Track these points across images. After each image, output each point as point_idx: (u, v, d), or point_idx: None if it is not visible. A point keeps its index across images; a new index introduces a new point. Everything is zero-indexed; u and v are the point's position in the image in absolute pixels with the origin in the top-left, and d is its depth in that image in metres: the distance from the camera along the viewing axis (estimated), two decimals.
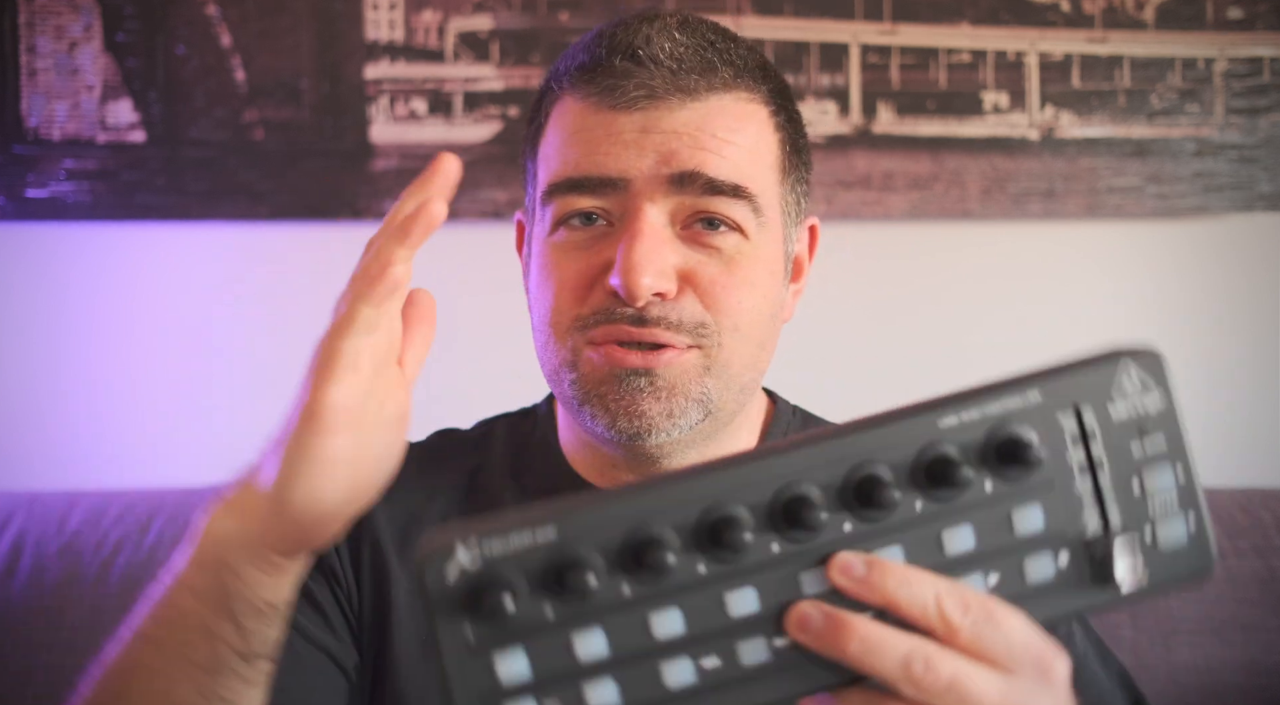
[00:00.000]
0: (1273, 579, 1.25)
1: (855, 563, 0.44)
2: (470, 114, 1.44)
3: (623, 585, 0.44)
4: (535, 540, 0.44)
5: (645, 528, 0.44)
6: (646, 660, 0.44)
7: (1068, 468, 0.46)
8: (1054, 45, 1.47)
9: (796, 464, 0.45)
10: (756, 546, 0.44)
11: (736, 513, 0.44)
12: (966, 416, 0.46)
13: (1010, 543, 0.46)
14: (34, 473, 1.41)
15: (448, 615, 0.43)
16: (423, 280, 1.68)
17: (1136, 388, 0.47)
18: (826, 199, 1.44)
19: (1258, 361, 1.49)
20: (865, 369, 1.46)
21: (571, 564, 0.43)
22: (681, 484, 0.45)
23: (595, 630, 0.44)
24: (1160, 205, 1.47)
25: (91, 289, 1.44)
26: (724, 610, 0.44)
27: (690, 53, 0.71)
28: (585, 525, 0.44)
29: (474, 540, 0.43)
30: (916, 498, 0.45)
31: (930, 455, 0.45)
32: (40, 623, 1.19)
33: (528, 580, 0.43)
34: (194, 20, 1.43)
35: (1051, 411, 0.46)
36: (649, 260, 0.68)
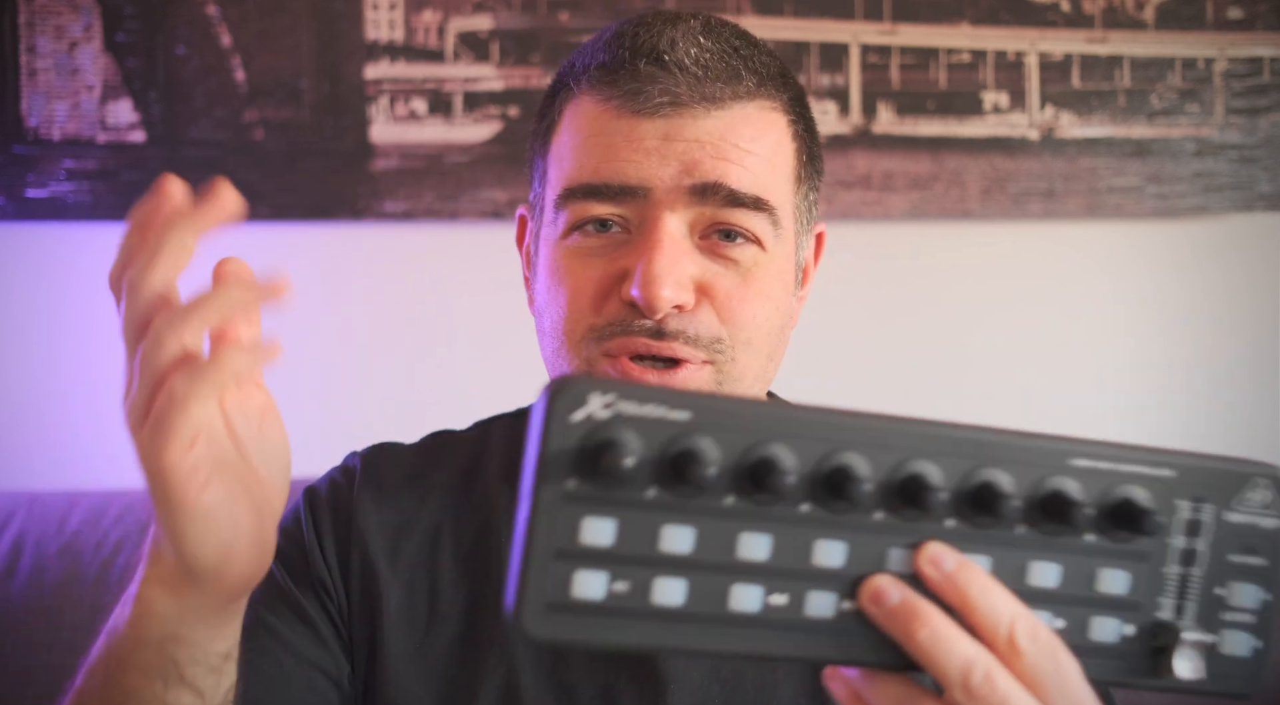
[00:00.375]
0: None
1: (947, 557, 0.44)
2: (470, 114, 1.44)
3: (729, 495, 0.44)
4: (668, 416, 0.43)
5: (770, 446, 0.44)
6: (722, 575, 0.44)
7: (1167, 549, 0.47)
8: (1054, 45, 1.47)
9: (926, 441, 0.45)
10: (863, 507, 0.44)
11: (857, 467, 0.44)
12: (1099, 465, 0.46)
13: (1088, 596, 0.46)
14: (34, 473, 1.41)
15: (558, 456, 0.42)
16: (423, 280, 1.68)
17: (1261, 504, 0.48)
18: (827, 199, 1.44)
19: (1258, 361, 1.49)
20: (865, 369, 1.46)
21: (691, 454, 0.43)
22: (820, 418, 0.44)
23: (687, 528, 0.43)
24: (1160, 205, 1.47)
25: (91, 289, 1.44)
26: (809, 555, 0.44)
27: (716, 59, 0.69)
28: (721, 423, 0.43)
29: (613, 393, 0.42)
30: (1022, 521, 0.46)
31: (1050, 487, 0.46)
32: (40, 623, 1.19)
33: (645, 453, 0.43)
34: (194, 20, 1.43)
35: (1175, 493, 0.47)
36: (669, 272, 0.66)
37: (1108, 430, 1.48)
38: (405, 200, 1.43)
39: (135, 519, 1.25)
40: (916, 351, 1.47)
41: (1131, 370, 1.49)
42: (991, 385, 1.48)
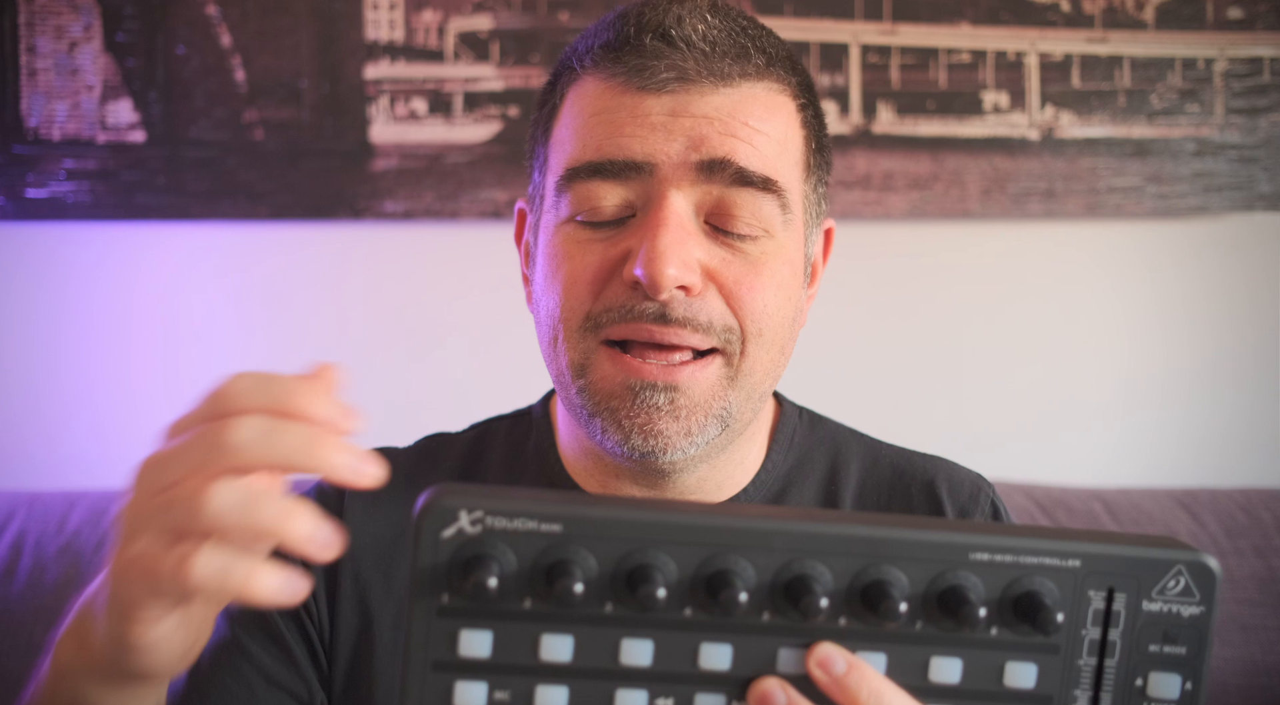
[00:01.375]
0: (1273, 579, 1.25)
1: (837, 660, 0.44)
2: (470, 114, 1.44)
3: (607, 602, 0.44)
4: (539, 528, 0.43)
5: (646, 554, 0.43)
6: (605, 681, 0.44)
7: (1079, 640, 0.45)
8: (1054, 45, 1.47)
9: (812, 541, 0.44)
10: (748, 610, 0.44)
11: (739, 570, 0.44)
12: (999, 558, 0.45)
13: (994, 691, 0.45)
14: (34, 473, 1.41)
15: (431, 573, 0.43)
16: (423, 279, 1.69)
17: (1179, 593, 0.46)
18: (826, 199, 1.44)
19: (1258, 361, 1.49)
20: (865, 369, 1.46)
21: (564, 566, 0.43)
22: (696, 521, 0.44)
23: (566, 637, 0.44)
24: (1160, 205, 1.47)
25: (91, 289, 1.44)
26: (696, 659, 0.44)
27: (724, 36, 0.67)
28: (590, 532, 0.43)
29: (480, 510, 0.43)
30: (920, 617, 0.45)
31: (948, 582, 0.45)
32: (40, 623, 1.19)
33: (518, 566, 0.43)
34: (194, 20, 1.43)
35: (1085, 584, 0.45)
36: (674, 251, 0.63)
37: (1107, 430, 1.48)
38: (405, 200, 1.43)
39: None
40: (916, 351, 1.47)
41: (1131, 370, 1.49)
42: (991, 385, 1.48)
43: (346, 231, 1.45)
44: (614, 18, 0.69)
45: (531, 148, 0.75)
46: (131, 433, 1.44)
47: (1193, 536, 1.28)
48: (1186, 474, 1.47)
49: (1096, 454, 1.48)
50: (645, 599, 0.43)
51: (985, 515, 0.78)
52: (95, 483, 1.38)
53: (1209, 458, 1.48)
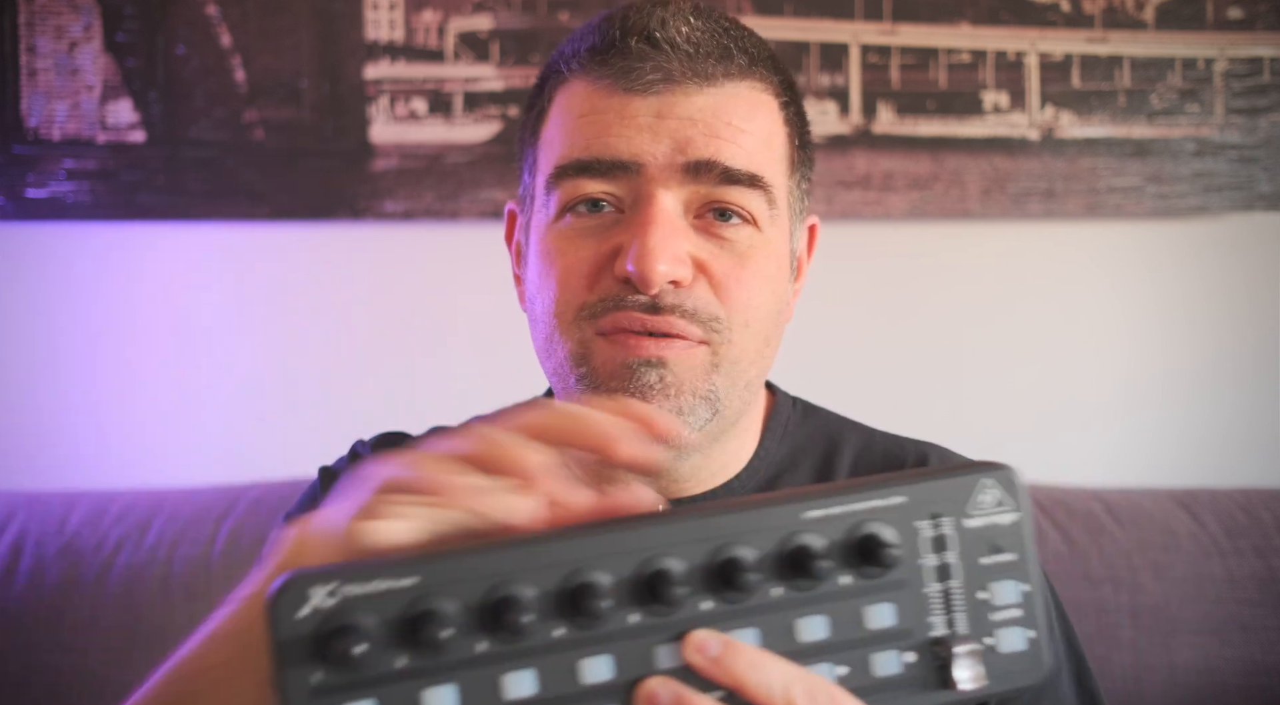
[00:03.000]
0: (1273, 579, 1.25)
1: (711, 642, 0.45)
2: (470, 114, 1.44)
3: (479, 641, 0.44)
4: (396, 586, 0.43)
5: (506, 586, 0.44)
6: None
7: (921, 571, 0.48)
8: (1054, 45, 1.47)
9: (661, 538, 0.45)
10: (615, 616, 0.45)
11: (598, 580, 0.44)
12: (831, 511, 0.47)
13: (861, 636, 0.47)
14: (34, 473, 1.41)
15: (295, 656, 0.42)
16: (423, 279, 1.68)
17: (993, 503, 0.49)
18: (826, 199, 1.44)
19: (1258, 361, 1.49)
20: (865, 369, 1.46)
21: (428, 615, 0.43)
22: (545, 545, 0.45)
23: (447, 685, 0.43)
24: (1160, 205, 1.47)
25: (91, 289, 1.44)
26: (577, 676, 0.45)
27: (707, 38, 0.69)
28: (447, 577, 0.44)
29: (334, 582, 0.42)
30: (775, 584, 0.46)
31: (792, 545, 0.46)
32: (40, 623, 1.19)
33: (384, 627, 0.43)
34: (194, 20, 1.43)
35: (911, 516, 0.48)
36: (664, 247, 0.65)
37: (1107, 430, 1.48)
38: (405, 200, 1.43)
39: (135, 519, 1.25)
40: (916, 351, 1.47)
41: (1131, 370, 1.49)
42: (991, 385, 1.48)
43: (346, 231, 1.45)
44: (599, 21, 0.71)
45: (520, 150, 0.77)
46: (131, 433, 1.44)
47: (1193, 536, 1.28)
48: (1186, 474, 1.47)
49: (1096, 454, 1.48)
50: (513, 627, 0.43)
51: None
52: (95, 483, 1.38)
53: (1209, 458, 1.48)
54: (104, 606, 1.20)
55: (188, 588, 1.21)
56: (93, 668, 1.18)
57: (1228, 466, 1.47)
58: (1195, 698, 1.22)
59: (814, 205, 1.50)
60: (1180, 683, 1.22)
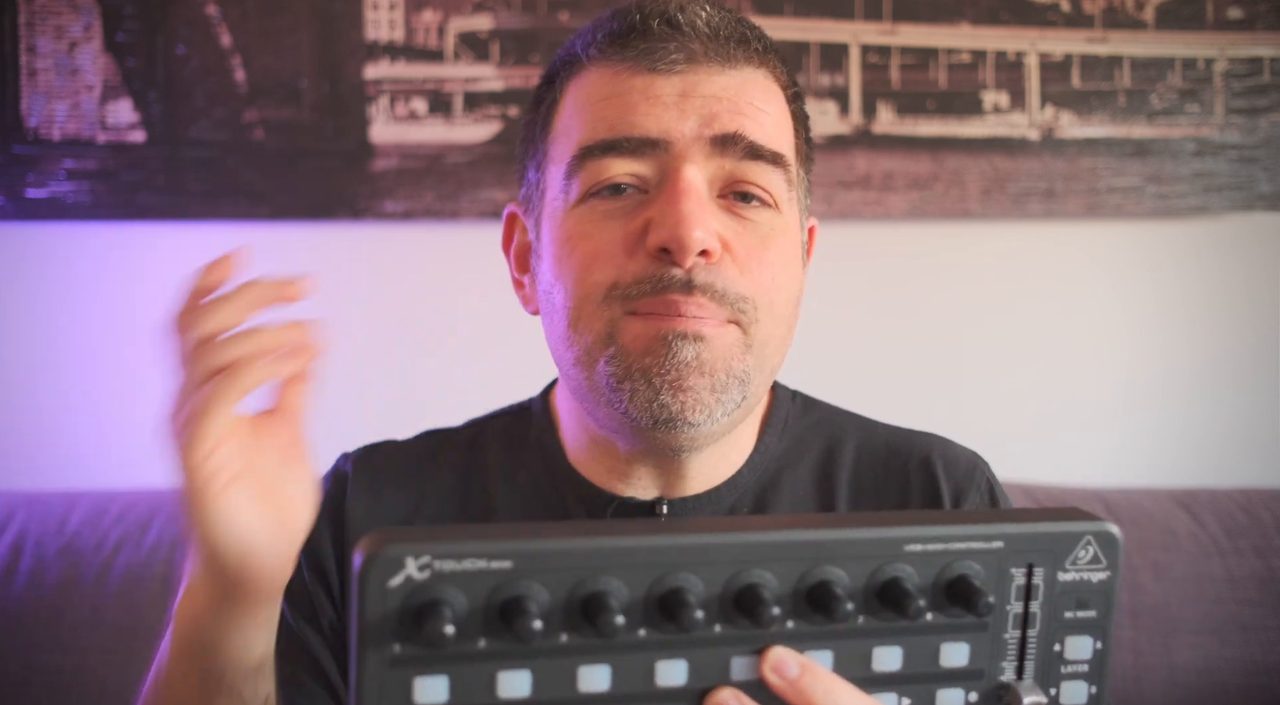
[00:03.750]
0: (1273, 579, 1.25)
1: (790, 663, 0.45)
2: (470, 114, 1.44)
3: (562, 633, 0.44)
4: (489, 567, 0.43)
5: (599, 582, 0.44)
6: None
7: (1005, 615, 0.48)
8: (1054, 45, 1.47)
9: (759, 552, 0.46)
10: (700, 624, 0.45)
11: (690, 586, 0.45)
12: (931, 546, 0.47)
13: (932, 673, 0.48)
14: (34, 473, 1.41)
15: (380, 624, 0.42)
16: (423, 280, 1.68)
17: (1088, 560, 0.49)
18: (826, 199, 1.44)
19: (1258, 361, 1.49)
20: (865, 369, 1.46)
21: (519, 602, 0.43)
22: (643, 543, 0.45)
23: (523, 671, 0.44)
24: (1160, 205, 1.47)
25: (91, 289, 1.44)
26: (652, 678, 0.45)
27: (725, 24, 0.70)
28: (541, 564, 0.43)
29: (427, 555, 0.42)
30: (863, 612, 0.47)
31: (886, 576, 0.47)
32: (40, 623, 1.19)
33: (470, 607, 0.43)
34: (194, 20, 1.43)
35: (1008, 562, 0.48)
36: (697, 215, 0.65)
37: (1107, 430, 1.48)
38: (405, 200, 1.43)
39: (135, 519, 1.25)
40: (916, 351, 1.47)
41: (1131, 370, 1.49)
42: (991, 385, 1.48)
43: (346, 231, 1.45)
44: (615, 11, 0.72)
45: (526, 148, 0.76)
46: (131, 433, 1.44)
47: (1193, 536, 1.28)
48: (1186, 474, 1.47)
49: (1096, 454, 1.48)
50: (604, 627, 0.43)
51: (981, 493, 0.79)
52: (95, 483, 1.38)
53: (1209, 458, 1.48)
54: (104, 606, 1.20)
55: None
56: (93, 668, 1.18)
57: (1228, 466, 1.47)
58: (1195, 698, 1.22)
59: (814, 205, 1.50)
60: (1180, 683, 1.22)
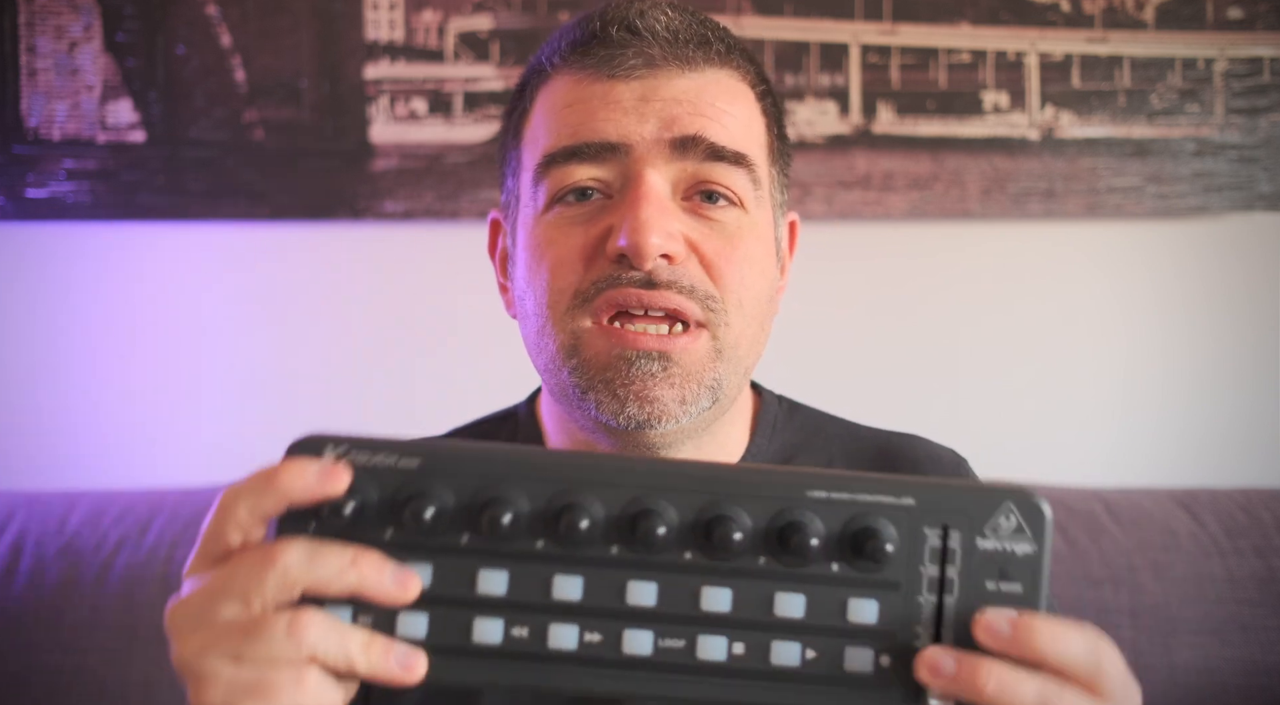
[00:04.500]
0: (1273, 579, 1.25)
1: (1000, 621, 0.46)
2: (470, 114, 1.44)
3: (464, 532, 0.47)
4: (398, 464, 0.47)
5: (501, 489, 0.47)
6: (461, 609, 0.47)
7: (918, 577, 0.47)
8: (1054, 45, 1.47)
9: (661, 480, 0.47)
10: (594, 542, 0.47)
11: (588, 505, 0.47)
12: (836, 495, 0.47)
13: (838, 626, 0.47)
14: (34, 473, 1.41)
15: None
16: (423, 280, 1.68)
17: (1011, 530, 0.48)
18: (826, 199, 1.44)
19: (1258, 361, 1.49)
20: (865, 368, 1.46)
21: (422, 497, 0.46)
22: (547, 459, 0.48)
23: (424, 565, 0.47)
24: (1160, 205, 1.47)
25: (91, 289, 1.44)
26: (546, 589, 0.47)
27: (685, 26, 0.71)
28: (450, 467, 0.47)
29: (345, 445, 0.47)
30: (763, 553, 0.47)
31: (787, 519, 0.47)
32: (40, 623, 1.19)
33: (380, 497, 0.47)
34: (194, 20, 1.43)
35: (920, 521, 0.47)
36: (656, 220, 0.65)
37: (1107, 430, 1.48)
38: (405, 200, 1.43)
39: (135, 519, 1.25)
40: (916, 351, 1.47)
41: (1131, 370, 1.49)
42: (990, 385, 1.48)
43: (346, 231, 1.45)
44: (578, 19, 0.73)
45: (503, 155, 0.77)
46: (131, 433, 1.44)
47: (1193, 536, 1.28)
48: (1186, 474, 1.47)
49: (1096, 454, 1.48)
50: (492, 526, 0.46)
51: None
52: (95, 483, 1.38)
53: (1209, 458, 1.48)
54: (104, 606, 1.20)
55: None
56: (93, 668, 1.18)
57: (1228, 466, 1.47)
58: (1195, 698, 1.22)
59: (814, 205, 1.50)
60: (1180, 683, 1.22)
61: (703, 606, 0.47)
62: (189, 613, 0.47)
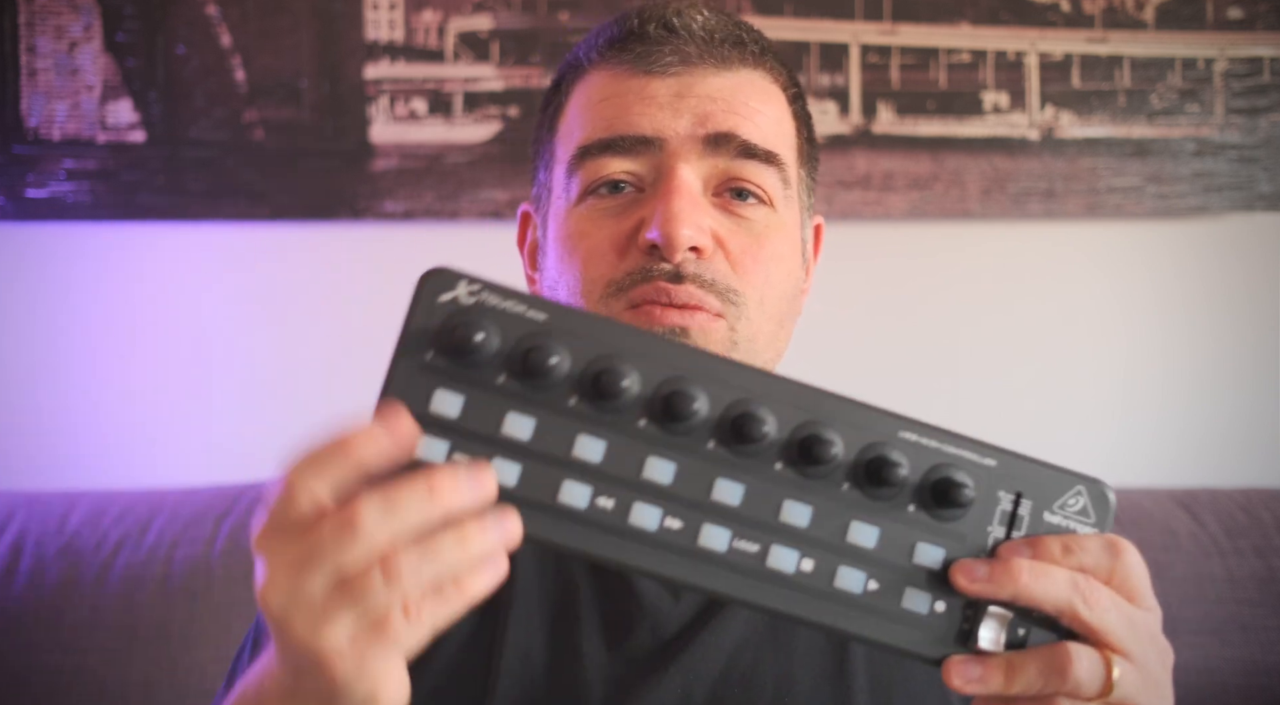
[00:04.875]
0: (1273, 579, 1.25)
1: (979, 567, 0.49)
2: (470, 114, 1.44)
3: (572, 396, 0.47)
4: (526, 313, 0.48)
5: (616, 361, 0.47)
6: (554, 468, 0.47)
7: (984, 534, 0.50)
8: (1054, 45, 1.47)
9: (766, 388, 0.49)
10: (699, 435, 0.48)
11: (697, 396, 0.47)
12: (925, 442, 0.49)
13: (904, 565, 0.49)
14: (34, 473, 1.40)
15: (422, 330, 0.48)
16: None
17: (1078, 511, 0.51)
18: (826, 199, 1.44)
19: (1258, 361, 1.49)
20: (864, 368, 1.46)
21: (544, 350, 0.47)
22: (666, 345, 0.49)
23: (529, 418, 0.47)
24: (1160, 205, 1.48)
25: (91, 289, 1.44)
26: (640, 469, 0.48)
27: (721, 27, 0.72)
28: (572, 328, 0.48)
29: (479, 285, 0.48)
30: (846, 480, 0.49)
31: (877, 451, 0.49)
32: (40, 623, 1.19)
33: (501, 344, 0.47)
34: (194, 20, 1.43)
35: (997, 483, 0.50)
36: (687, 213, 0.67)
37: (1107, 430, 1.48)
38: (405, 200, 1.43)
39: (135, 519, 1.25)
40: (916, 351, 1.47)
41: (1131, 370, 1.49)
42: (990, 385, 1.48)
43: (346, 231, 1.45)
44: (616, 17, 0.74)
45: (536, 148, 0.78)
46: (131, 433, 1.44)
47: (1193, 536, 1.28)
48: (1186, 474, 1.47)
49: (1096, 454, 1.48)
50: (611, 393, 0.47)
51: None
52: (95, 483, 1.38)
53: (1209, 458, 1.48)
54: (104, 606, 1.20)
55: (188, 588, 1.21)
56: (93, 668, 1.18)
57: (1228, 466, 1.47)
58: (1195, 698, 1.22)
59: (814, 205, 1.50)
60: (1180, 683, 1.21)
61: (782, 518, 0.48)
62: (282, 594, 0.45)
